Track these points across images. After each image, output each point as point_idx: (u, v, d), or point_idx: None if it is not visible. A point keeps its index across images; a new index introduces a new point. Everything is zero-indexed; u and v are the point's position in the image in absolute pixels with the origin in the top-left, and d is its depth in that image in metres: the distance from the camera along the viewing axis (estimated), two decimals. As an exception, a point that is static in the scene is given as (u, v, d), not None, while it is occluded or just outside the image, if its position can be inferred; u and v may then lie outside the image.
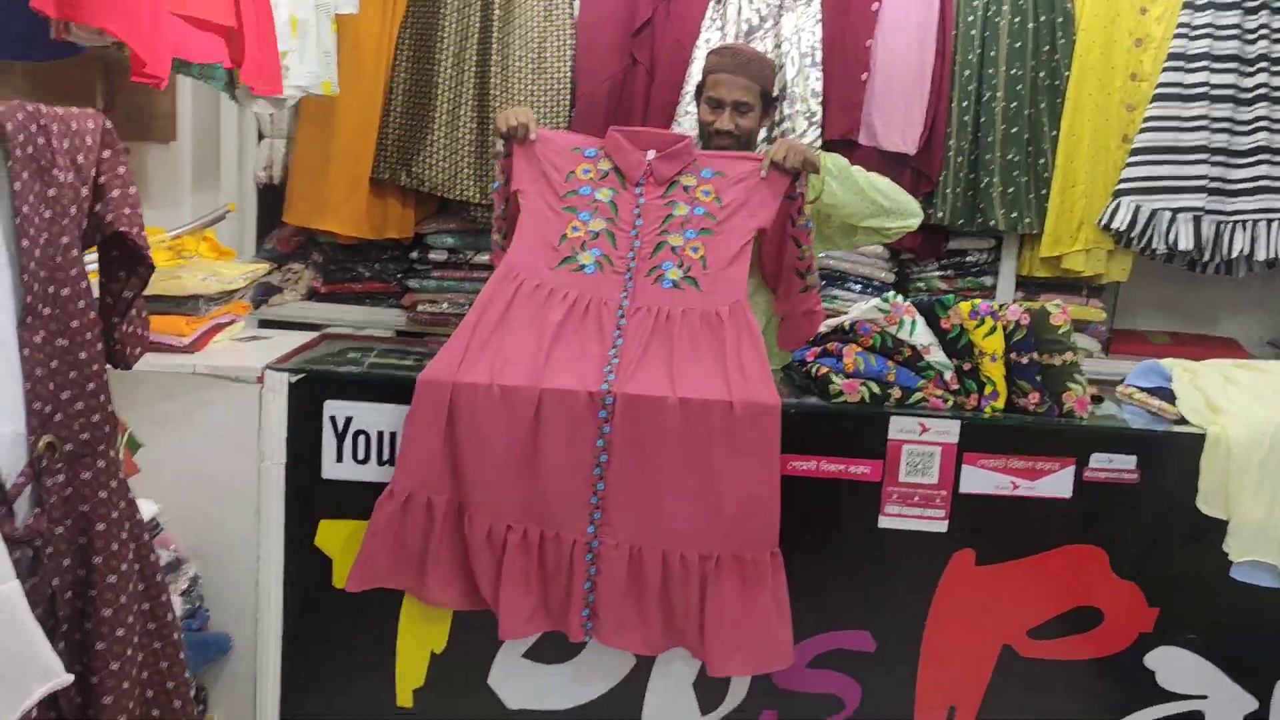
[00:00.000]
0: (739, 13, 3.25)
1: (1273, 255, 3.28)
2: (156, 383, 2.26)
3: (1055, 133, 3.31)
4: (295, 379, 2.21)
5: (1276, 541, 2.21)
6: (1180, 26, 3.28)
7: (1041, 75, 3.30)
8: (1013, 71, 3.27)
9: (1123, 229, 3.28)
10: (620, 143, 2.44)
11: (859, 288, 3.39)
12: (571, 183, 2.41)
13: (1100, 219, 3.32)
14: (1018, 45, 3.27)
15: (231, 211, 2.72)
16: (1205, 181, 3.24)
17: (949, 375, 2.22)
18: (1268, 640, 2.29)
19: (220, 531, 2.29)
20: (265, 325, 3.25)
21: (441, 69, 3.22)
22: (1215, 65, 3.25)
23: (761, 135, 2.95)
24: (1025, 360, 2.22)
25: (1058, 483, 2.20)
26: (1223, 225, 3.26)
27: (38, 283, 1.40)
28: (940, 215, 3.29)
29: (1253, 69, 3.26)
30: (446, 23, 3.24)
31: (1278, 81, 3.26)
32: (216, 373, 2.25)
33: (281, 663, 2.28)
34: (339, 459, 2.21)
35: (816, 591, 2.22)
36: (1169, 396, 2.36)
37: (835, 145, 3.23)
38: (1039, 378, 2.23)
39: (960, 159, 3.28)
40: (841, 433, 2.20)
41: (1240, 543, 2.21)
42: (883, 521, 2.21)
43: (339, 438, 2.21)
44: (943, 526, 2.21)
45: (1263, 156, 3.26)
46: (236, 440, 2.24)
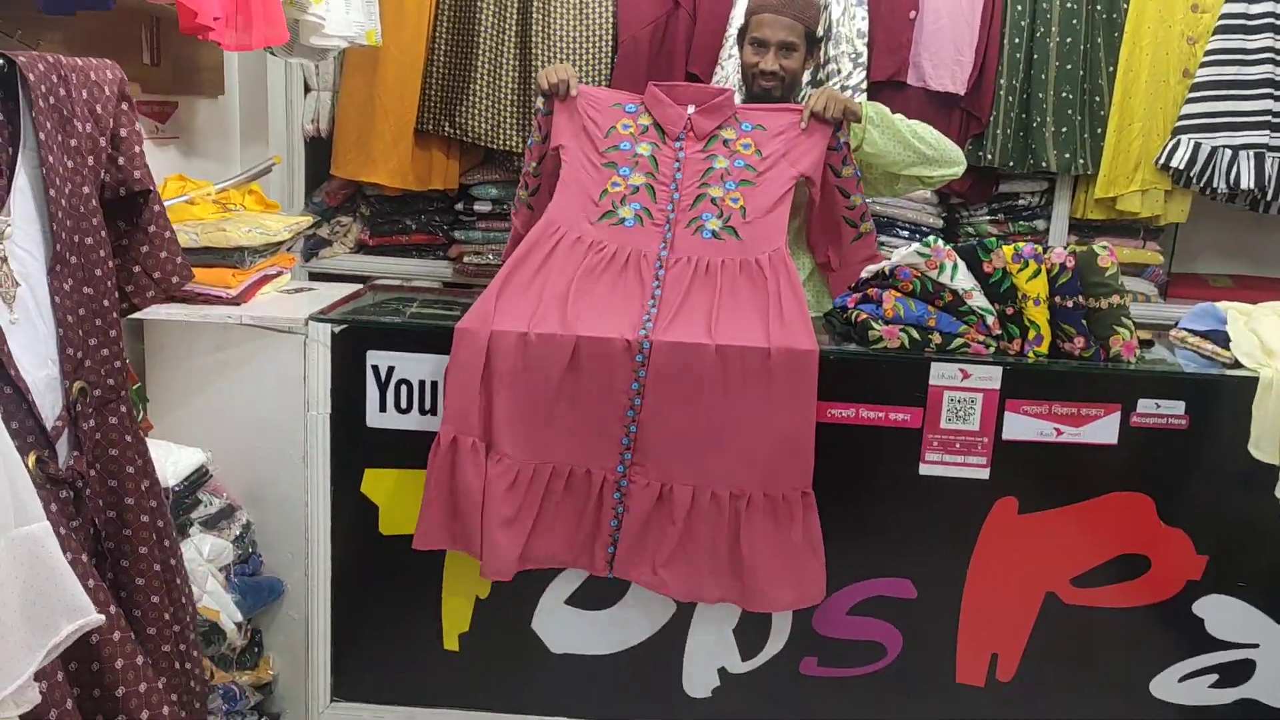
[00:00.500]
0: (782, -48, 3.17)
1: (1341, 193, 3.16)
2: (204, 333, 2.32)
3: (1112, 68, 3.20)
4: (338, 329, 2.24)
5: (1331, 488, 2.15)
6: (1245, -46, 3.14)
7: (1098, 8, 3.18)
8: (1068, 5, 3.15)
9: (1182, 168, 3.17)
10: (660, 97, 2.44)
11: (906, 233, 3.33)
12: (612, 138, 2.41)
13: (1158, 158, 3.21)
14: (1074, -23, 3.17)
15: (277, 164, 2.75)
16: (1269, 117, 3.11)
17: (991, 320, 2.20)
18: (1320, 589, 2.24)
19: (270, 480, 2.34)
20: (315, 278, 3.30)
21: (484, 18, 3.20)
22: (1282, -5, 3.12)
23: (806, 78, 2.91)
24: (1070, 304, 2.18)
25: (1103, 429, 2.17)
26: (1288, 163, 3.14)
27: (65, 231, 1.43)
28: (990, 157, 3.21)
29: (1322, -2, 3.12)
30: (488, -29, 3.22)
31: (1347, 11, 3.11)
32: (262, 324, 2.29)
33: (332, 607, 2.34)
34: (382, 408, 2.24)
35: (857, 539, 2.23)
36: (1223, 340, 2.31)
37: (882, 87, 3.18)
38: (1084, 321, 2.20)
39: (1011, 98, 3.19)
40: (881, 379, 2.19)
41: (1293, 489, 2.16)
42: (923, 469, 2.20)
43: (381, 387, 2.24)
44: (984, 474, 2.19)
45: (1331, 90, 3.13)
46: (283, 390, 2.28)
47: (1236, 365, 2.24)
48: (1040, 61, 3.18)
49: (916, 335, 2.19)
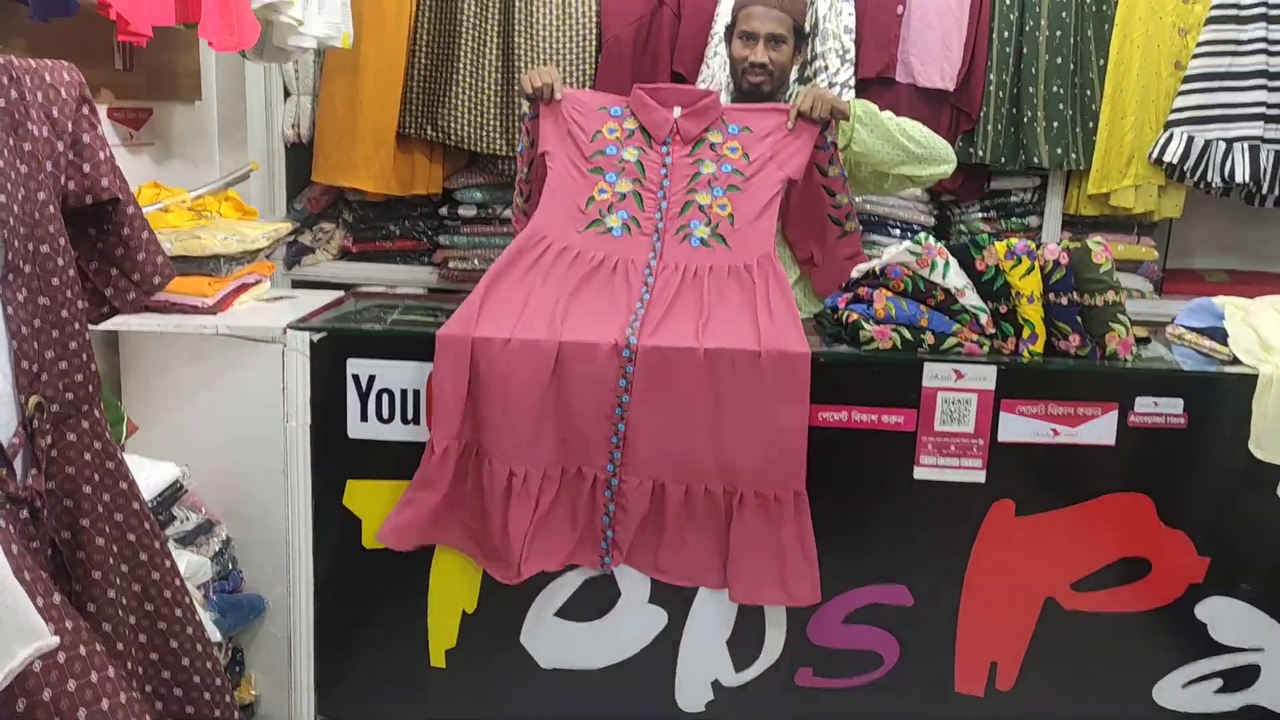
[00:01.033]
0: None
1: (1338, 185, 3.12)
2: (180, 344, 2.29)
3: (1103, 61, 3.17)
4: (317, 338, 2.20)
5: (1335, 486, 2.12)
6: (1235, -57, 3.11)
7: (1087, 1, 3.16)
8: (1057, -2, 3.13)
9: (1175, 162, 3.14)
10: (645, 101, 2.42)
11: (898, 232, 3.29)
12: (598, 143, 2.40)
13: (1151, 152, 3.19)
14: (1062, -32, 3.14)
15: (255, 170, 2.70)
16: (1264, 109, 3.08)
17: (985, 319, 2.16)
18: (1326, 589, 2.21)
19: (249, 494, 2.31)
20: (298, 286, 3.28)
21: (464, 18, 3.16)
22: (1273, -17, 3.09)
23: (793, 75, 2.88)
24: (1065, 301, 2.15)
25: (1101, 428, 2.14)
26: (1283, 155, 3.11)
27: (17, 239, 1.38)
28: (981, 153, 3.18)
29: (1314, -15, 3.09)
30: (469, -30, 3.18)
31: (1341, -1, 3.09)
32: (239, 333, 2.26)
33: (314, 624, 2.29)
34: (363, 418, 2.20)
35: (851, 546, 2.19)
36: (1221, 336, 2.28)
37: (870, 83, 3.16)
38: (1080, 319, 2.17)
39: (1001, 93, 3.16)
40: (873, 381, 2.15)
41: (1296, 488, 2.13)
42: (918, 473, 2.16)
43: (362, 397, 2.20)
44: (980, 477, 2.15)
45: (1326, 80, 3.10)
46: (261, 401, 2.24)
47: (1235, 362, 2.21)
48: (1030, 56, 3.15)
49: (909, 335, 2.16)
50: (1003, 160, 3.20)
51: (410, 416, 2.19)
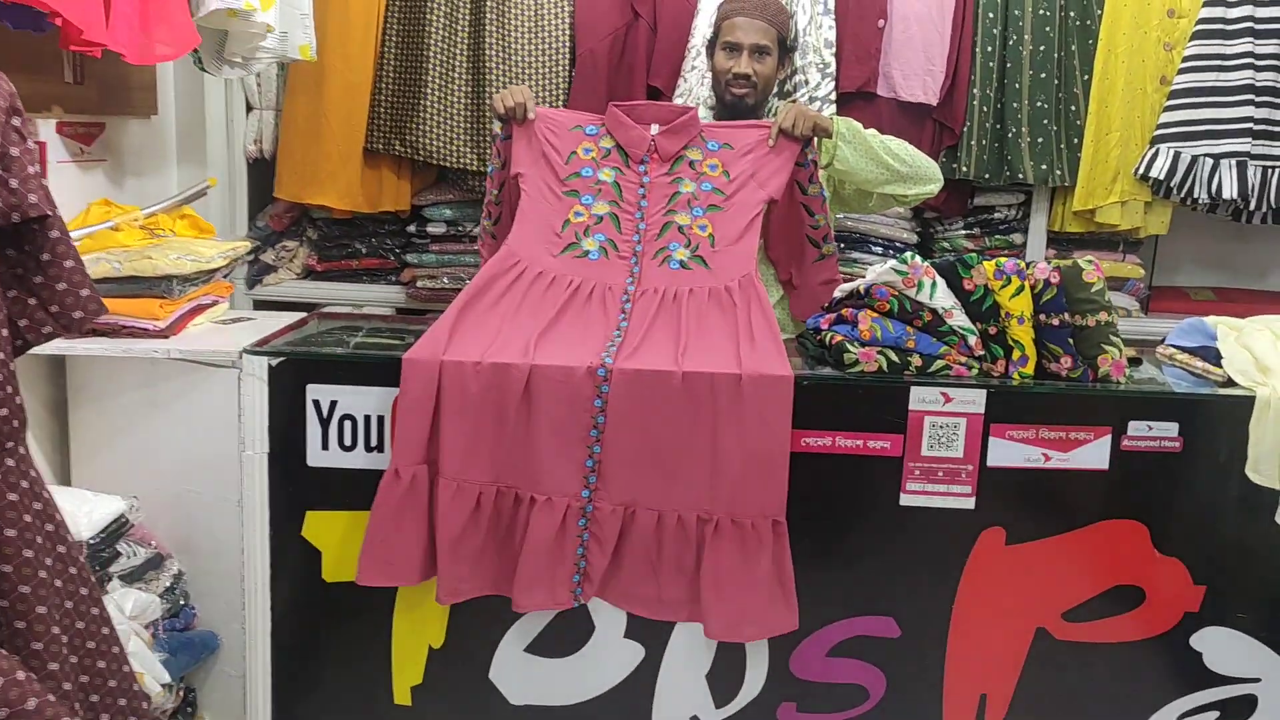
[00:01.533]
0: (745, -41, 3.09)
1: (1326, 201, 3.10)
2: (130, 369, 2.22)
3: (1087, 76, 3.14)
4: (275, 362, 2.13)
5: (1335, 512, 2.09)
6: (1220, -43, 3.09)
7: (1071, 15, 3.12)
8: (1040, 11, 3.09)
9: (1161, 178, 3.11)
10: (621, 119, 2.37)
11: (880, 250, 3.24)
12: (573, 164, 2.36)
13: (1137, 168, 3.16)
14: (1045, -17, 3.10)
15: (212, 186, 2.60)
16: (1250, 124, 3.06)
17: (973, 340, 2.12)
18: (1325, 619, 2.19)
19: (203, 526, 2.24)
20: (260, 306, 3.21)
21: (433, 31, 3.09)
22: (1259, -3, 3.07)
23: (774, 90, 2.82)
24: (1056, 322, 2.12)
25: (1093, 453, 2.11)
26: (1270, 170, 3.08)
27: None
28: (965, 169, 3.14)
29: (1300, 0, 3.07)
30: (438, -18, 3.11)
31: (1327, 14, 3.07)
32: (192, 357, 2.19)
33: (272, 662, 2.21)
34: (324, 446, 2.13)
35: (836, 576, 2.15)
36: (1214, 356, 2.26)
37: (852, 98, 3.11)
38: (1071, 340, 2.13)
39: (985, 108, 3.12)
40: (858, 405, 2.11)
41: (1294, 514, 2.10)
42: (905, 499, 2.12)
43: (323, 424, 2.13)
44: (969, 503, 2.12)
45: (1313, 95, 3.07)
46: (216, 429, 2.17)
47: (1230, 383, 2.18)
48: (1014, 70, 3.12)
49: (895, 357, 2.12)
50: (987, 176, 3.16)
51: (374, 444, 2.12)
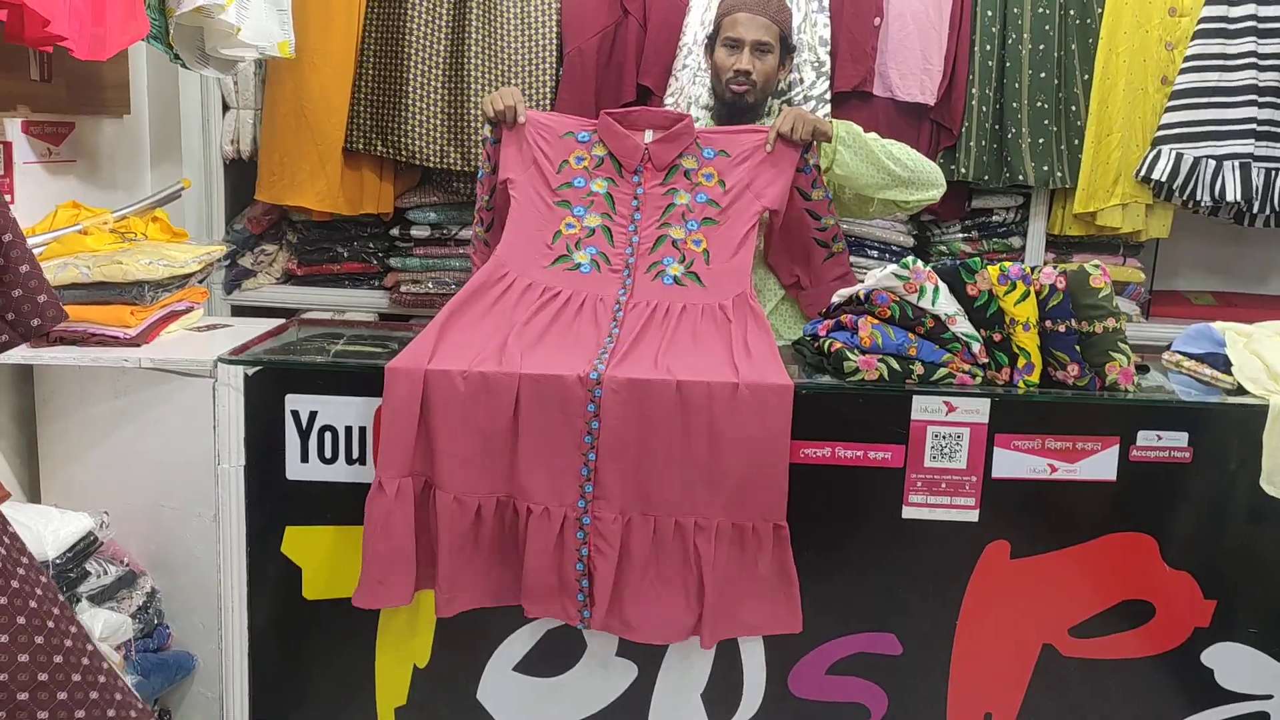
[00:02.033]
0: (737, -44, 3.04)
1: (1330, 204, 3.07)
2: (99, 379, 2.16)
3: (1088, 76, 3.10)
4: (252, 371, 2.08)
5: (1350, 524, 2.05)
6: (1222, -45, 3.05)
7: (1071, 13, 3.07)
8: (1040, 10, 3.04)
9: (1163, 180, 3.07)
10: (614, 128, 2.34)
11: (876, 253, 3.20)
12: (565, 173, 2.31)
13: (1138, 170, 3.11)
14: (1044, -19, 3.06)
15: (186, 188, 2.53)
16: (1254, 125, 3.02)
17: (977, 347, 2.08)
18: (1339, 634, 2.16)
19: (177, 542, 2.19)
20: (239, 312, 3.15)
21: (415, 27, 3.02)
22: (1262, -5, 3.04)
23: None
24: (1062, 328, 2.08)
25: (1101, 464, 2.07)
26: (1274, 172, 3.04)
27: None
28: (963, 171, 3.09)
29: (1303, -2, 3.04)
30: (421, -22, 3.04)
31: (1330, 13, 3.04)
32: (165, 366, 2.14)
33: (250, 683, 2.16)
34: (304, 459, 2.09)
35: (836, 591, 2.12)
36: (1222, 363, 2.22)
37: (848, 97, 3.06)
38: (1078, 347, 2.09)
39: (984, 108, 3.07)
40: (859, 415, 2.06)
41: (1309, 526, 2.06)
42: (907, 512, 2.08)
43: (303, 435, 2.08)
44: (973, 516, 2.08)
45: (1317, 95, 3.04)
46: (191, 441, 2.13)
47: (1240, 391, 2.14)
48: (1013, 69, 3.07)
49: (896, 366, 2.07)
50: (986, 177, 3.11)
51: (355, 456, 2.07)
